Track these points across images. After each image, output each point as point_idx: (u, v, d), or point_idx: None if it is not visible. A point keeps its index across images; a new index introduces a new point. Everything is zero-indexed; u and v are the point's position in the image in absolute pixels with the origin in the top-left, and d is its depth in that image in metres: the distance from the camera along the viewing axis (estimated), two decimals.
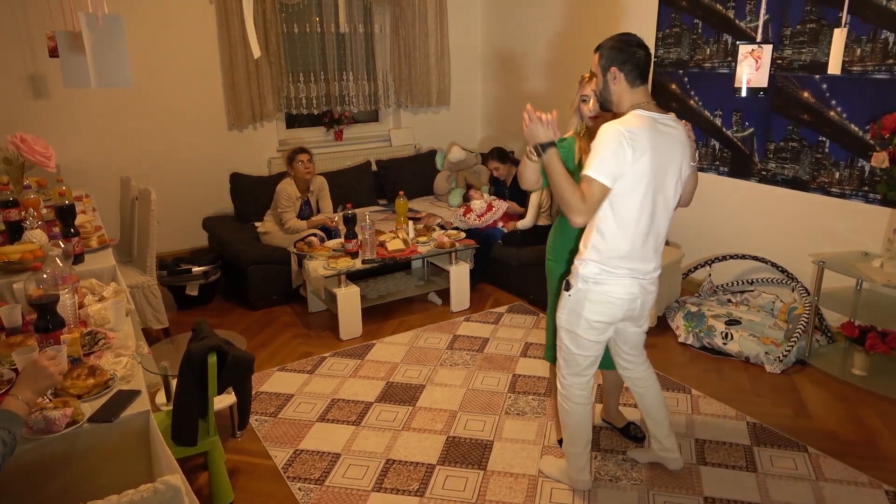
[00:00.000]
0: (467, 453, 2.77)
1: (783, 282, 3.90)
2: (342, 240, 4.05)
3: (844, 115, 3.53)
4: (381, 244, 4.11)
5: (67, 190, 3.17)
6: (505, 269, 4.50)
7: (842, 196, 3.61)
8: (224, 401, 2.77)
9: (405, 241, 4.15)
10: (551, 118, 2.10)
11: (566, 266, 2.43)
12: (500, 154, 4.90)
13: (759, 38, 3.63)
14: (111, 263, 3.00)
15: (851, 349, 3.40)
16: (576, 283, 2.22)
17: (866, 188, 3.49)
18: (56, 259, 2.26)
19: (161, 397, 2.79)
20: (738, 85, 2.59)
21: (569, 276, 2.27)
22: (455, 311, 4.27)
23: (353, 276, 4.14)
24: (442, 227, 4.68)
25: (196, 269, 4.31)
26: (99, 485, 1.70)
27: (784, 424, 2.96)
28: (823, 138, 3.65)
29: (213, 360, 2.20)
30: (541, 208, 4.39)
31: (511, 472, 2.65)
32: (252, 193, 4.88)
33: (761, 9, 3.75)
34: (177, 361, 2.27)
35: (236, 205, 4.96)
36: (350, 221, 3.95)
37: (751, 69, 2.52)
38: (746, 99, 3.87)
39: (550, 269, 2.62)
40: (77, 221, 3.03)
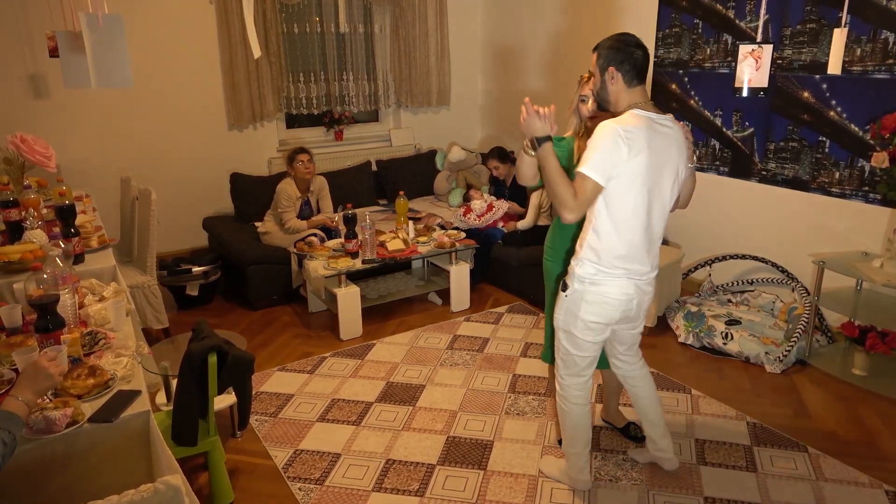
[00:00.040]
0: (467, 453, 2.77)
1: (783, 282, 3.90)
2: (342, 240, 4.05)
3: (844, 115, 3.53)
4: (382, 244, 4.11)
5: (67, 190, 3.17)
6: (505, 269, 4.50)
7: (842, 196, 3.61)
8: (224, 401, 2.77)
9: (405, 241, 4.15)
10: (548, 112, 2.10)
11: (563, 266, 2.43)
12: (500, 154, 4.90)
13: (759, 38, 3.64)
14: (111, 263, 3.00)
15: (851, 349, 3.40)
16: (572, 284, 2.22)
17: (866, 188, 3.49)
18: (56, 259, 2.26)
19: (161, 397, 2.79)
20: (739, 85, 2.59)
21: (565, 276, 2.27)
22: (455, 311, 4.27)
23: (354, 276, 4.14)
24: (442, 227, 4.68)
25: (196, 269, 4.31)
26: (99, 485, 1.70)
27: (784, 424, 2.96)
28: (823, 138, 3.65)
29: (213, 360, 2.20)
30: (541, 208, 4.40)
31: (511, 472, 2.65)
32: (252, 193, 4.88)
33: (761, 9, 3.75)
34: (177, 361, 2.27)
35: (236, 205, 4.96)
36: (350, 221, 3.95)
37: (751, 69, 2.52)
38: (746, 99, 3.88)
39: (547, 269, 2.62)
40: (77, 221, 3.02)
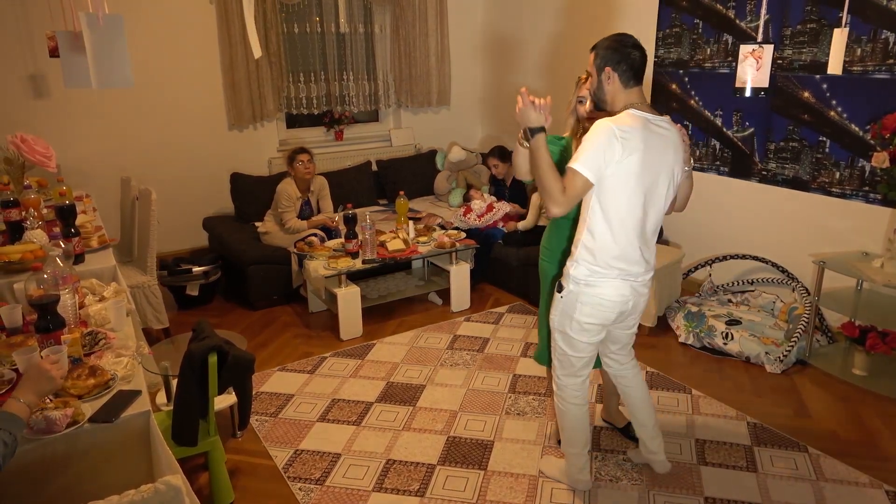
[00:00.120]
0: (468, 453, 2.77)
1: (783, 282, 3.90)
2: (342, 240, 4.05)
3: (845, 115, 3.53)
4: (382, 244, 4.11)
5: (68, 190, 3.17)
6: (505, 269, 4.50)
7: (842, 196, 3.61)
8: (224, 401, 2.77)
9: (405, 241, 4.15)
10: (544, 103, 2.10)
11: (559, 267, 2.42)
12: (500, 153, 4.91)
13: (759, 38, 3.64)
14: (111, 263, 3.00)
15: (852, 349, 3.40)
16: (567, 285, 2.21)
17: (867, 188, 3.49)
18: (56, 259, 2.26)
19: (161, 397, 2.79)
20: (741, 85, 2.59)
21: (561, 277, 2.27)
22: (455, 311, 4.27)
23: (354, 276, 4.14)
24: (442, 227, 4.68)
25: (196, 269, 4.31)
26: (99, 485, 1.71)
27: (784, 424, 2.96)
28: (824, 138, 3.65)
29: (213, 360, 2.20)
30: (541, 209, 4.40)
31: (511, 472, 2.65)
32: (252, 193, 4.88)
33: (762, 9, 3.75)
34: (177, 361, 2.27)
35: (236, 205, 4.96)
36: (350, 221, 3.95)
37: (752, 69, 2.51)
38: (747, 99, 3.87)
39: (543, 269, 2.61)
40: (77, 221, 3.02)
